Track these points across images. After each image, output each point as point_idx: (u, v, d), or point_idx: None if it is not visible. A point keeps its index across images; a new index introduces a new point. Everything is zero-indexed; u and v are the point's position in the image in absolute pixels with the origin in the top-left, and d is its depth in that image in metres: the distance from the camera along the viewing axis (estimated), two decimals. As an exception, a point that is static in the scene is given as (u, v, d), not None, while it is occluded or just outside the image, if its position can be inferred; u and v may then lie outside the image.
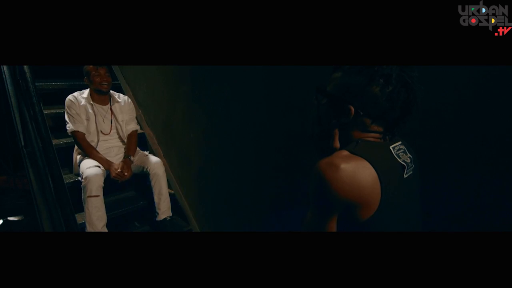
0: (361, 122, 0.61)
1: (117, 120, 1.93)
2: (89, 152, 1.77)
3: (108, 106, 1.91)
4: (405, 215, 0.62)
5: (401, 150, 0.63)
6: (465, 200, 0.81)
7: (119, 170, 1.75)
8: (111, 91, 1.93)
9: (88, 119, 1.81)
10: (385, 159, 0.60)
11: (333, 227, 0.57)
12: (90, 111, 1.82)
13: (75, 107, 1.77)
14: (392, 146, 0.62)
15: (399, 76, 0.57)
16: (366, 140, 0.61)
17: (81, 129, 1.77)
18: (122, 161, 1.84)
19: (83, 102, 1.81)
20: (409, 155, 0.64)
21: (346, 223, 0.57)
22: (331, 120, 0.64)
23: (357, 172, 0.54)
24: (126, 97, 2.03)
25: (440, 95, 0.81)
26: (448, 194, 0.83)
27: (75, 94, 1.83)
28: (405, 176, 0.61)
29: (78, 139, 1.77)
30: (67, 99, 1.79)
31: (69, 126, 1.76)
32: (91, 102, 1.84)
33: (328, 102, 0.64)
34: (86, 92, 1.85)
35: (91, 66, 1.78)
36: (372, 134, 0.62)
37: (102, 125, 1.88)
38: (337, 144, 0.63)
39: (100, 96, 1.87)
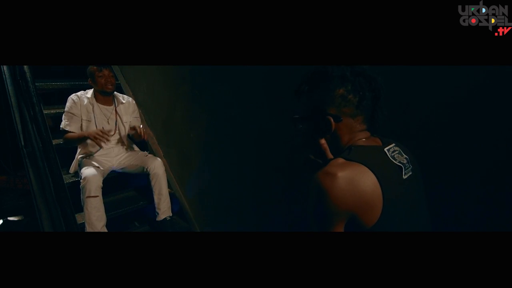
0: (344, 126, 0.63)
1: (121, 121, 1.93)
2: (71, 137, 1.75)
3: (113, 107, 1.91)
4: (412, 217, 0.61)
5: (396, 152, 0.63)
6: (466, 200, 0.81)
7: (101, 131, 1.66)
8: (115, 92, 1.93)
9: (89, 120, 1.81)
10: (382, 161, 0.60)
11: None
12: (92, 112, 1.82)
13: (75, 108, 1.77)
14: (387, 148, 0.63)
15: (352, 72, 0.62)
16: (359, 145, 0.62)
17: (71, 129, 1.76)
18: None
19: (85, 102, 1.81)
20: (405, 156, 0.64)
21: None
22: (317, 139, 0.66)
23: (355, 178, 0.54)
24: (130, 98, 2.03)
25: (440, 95, 0.81)
26: (449, 194, 0.83)
27: (79, 93, 1.82)
28: (404, 177, 0.61)
29: (64, 136, 1.77)
30: (69, 97, 1.78)
31: (62, 124, 1.77)
32: (95, 102, 1.84)
33: (308, 125, 0.67)
34: (90, 92, 1.85)
35: (95, 67, 1.77)
36: (360, 135, 0.64)
37: (107, 126, 1.88)
38: (330, 155, 0.65)
39: (105, 97, 1.86)
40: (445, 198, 0.83)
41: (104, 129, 1.71)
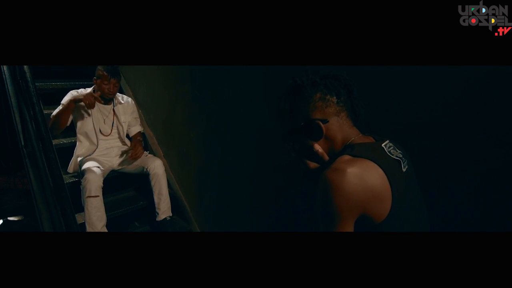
0: (333, 126, 0.65)
1: (119, 121, 1.93)
2: (56, 113, 1.71)
3: (111, 106, 1.91)
4: (415, 210, 0.63)
5: (391, 147, 0.65)
6: (466, 200, 0.81)
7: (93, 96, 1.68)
8: None
9: (86, 117, 1.81)
10: (383, 156, 0.61)
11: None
12: (90, 109, 1.82)
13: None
14: (383, 144, 0.64)
15: (320, 76, 0.65)
16: (357, 143, 0.63)
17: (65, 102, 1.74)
18: (133, 140, 1.85)
19: None
20: (399, 151, 0.66)
21: (362, 229, 0.56)
22: (311, 146, 0.67)
23: (364, 173, 0.54)
24: (129, 98, 2.04)
25: (440, 95, 0.81)
26: (448, 194, 0.83)
27: (80, 90, 1.83)
28: (403, 170, 0.62)
29: (50, 117, 1.72)
30: (70, 92, 1.79)
31: (53, 112, 1.74)
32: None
33: (299, 137, 0.68)
34: (89, 90, 1.84)
35: (105, 73, 1.76)
36: (352, 132, 0.66)
37: (103, 126, 1.88)
38: (326, 156, 0.66)
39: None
40: (445, 198, 0.83)
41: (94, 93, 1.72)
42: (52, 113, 1.98)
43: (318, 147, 0.66)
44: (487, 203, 0.77)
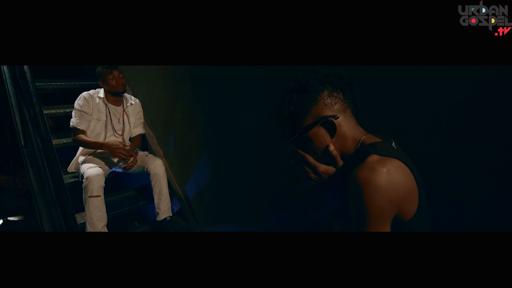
0: (343, 122, 0.64)
1: (128, 121, 1.95)
2: (89, 143, 1.75)
3: (121, 107, 1.92)
4: (427, 207, 0.63)
5: (397, 147, 0.65)
6: (464, 200, 0.81)
7: (124, 148, 1.73)
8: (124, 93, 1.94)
9: (99, 119, 1.81)
10: (402, 155, 0.61)
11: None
12: (103, 112, 1.82)
13: (86, 106, 1.77)
14: (393, 144, 0.64)
15: (323, 75, 0.65)
16: (373, 142, 0.63)
17: (82, 127, 1.76)
18: (130, 150, 1.84)
19: (98, 101, 1.81)
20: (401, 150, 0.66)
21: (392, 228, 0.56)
22: (322, 147, 0.65)
23: (397, 171, 0.55)
24: (137, 99, 2.04)
25: (440, 95, 0.81)
26: (447, 194, 0.83)
27: (91, 92, 1.83)
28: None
29: (77, 135, 1.75)
30: (81, 95, 1.78)
31: (73, 121, 1.75)
32: (106, 102, 1.84)
33: (309, 138, 0.65)
34: (101, 92, 1.85)
35: (104, 69, 1.77)
36: (361, 131, 0.66)
37: (117, 125, 1.89)
38: (340, 161, 0.65)
39: (115, 97, 1.87)
40: (445, 198, 0.83)
41: (123, 142, 1.77)
42: (51, 112, 1.99)
43: (333, 147, 0.64)
44: (487, 203, 0.77)
